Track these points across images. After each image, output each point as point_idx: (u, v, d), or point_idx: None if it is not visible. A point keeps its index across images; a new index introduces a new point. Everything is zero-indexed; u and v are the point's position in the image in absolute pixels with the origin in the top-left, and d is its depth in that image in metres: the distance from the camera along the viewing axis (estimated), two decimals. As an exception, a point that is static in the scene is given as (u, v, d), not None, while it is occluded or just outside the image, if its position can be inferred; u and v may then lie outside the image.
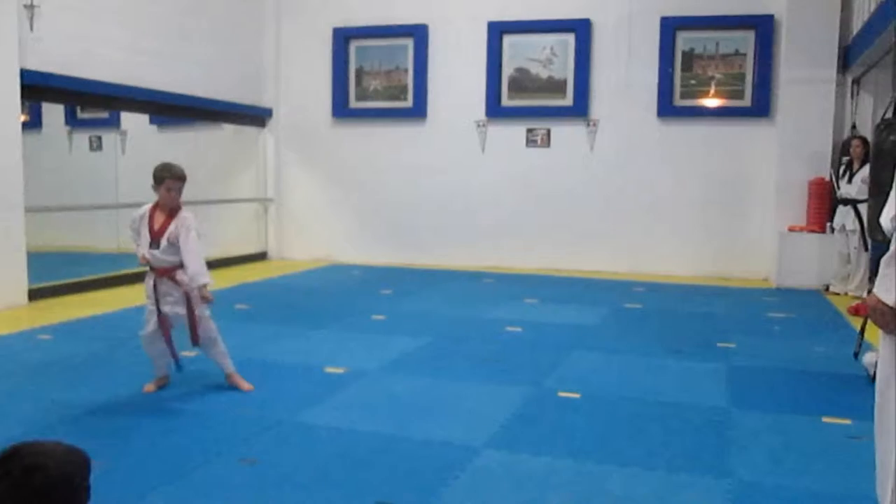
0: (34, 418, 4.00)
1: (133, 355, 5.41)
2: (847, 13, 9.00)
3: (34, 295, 7.35)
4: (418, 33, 10.58)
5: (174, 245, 4.36)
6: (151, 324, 4.48)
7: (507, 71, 10.41)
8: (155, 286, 4.44)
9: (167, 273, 4.40)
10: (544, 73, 10.31)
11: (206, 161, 10.98)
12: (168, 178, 4.36)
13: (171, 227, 4.38)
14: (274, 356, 5.41)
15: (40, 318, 6.57)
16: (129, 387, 4.60)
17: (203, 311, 4.49)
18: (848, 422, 4.10)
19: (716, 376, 5.03)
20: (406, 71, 10.77)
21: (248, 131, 11.08)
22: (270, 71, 11.09)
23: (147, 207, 4.48)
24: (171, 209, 4.42)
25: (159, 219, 4.41)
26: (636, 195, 10.03)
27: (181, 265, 4.38)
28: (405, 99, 10.80)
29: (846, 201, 8.46)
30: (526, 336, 6.22)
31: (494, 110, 10.42)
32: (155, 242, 4.38)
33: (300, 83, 11.10)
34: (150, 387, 4.55)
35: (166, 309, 4.44)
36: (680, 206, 9.93)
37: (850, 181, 8.44)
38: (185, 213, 4.46)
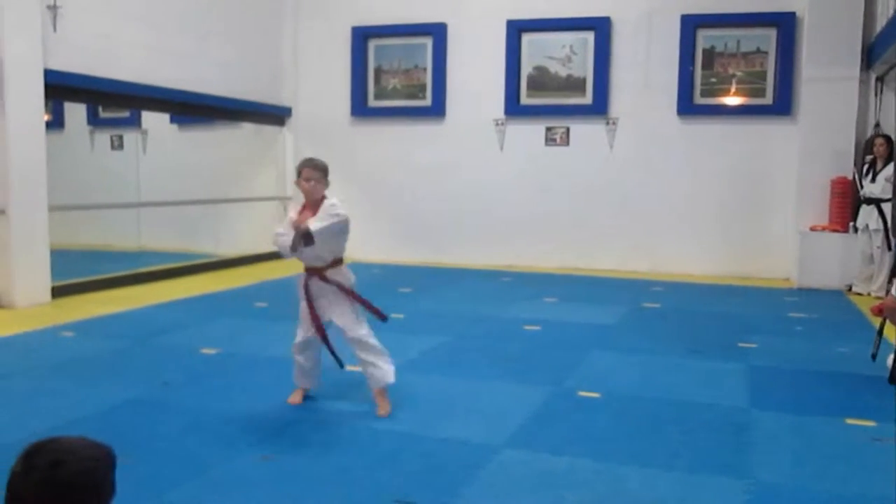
0: (57, 414, 4.05)
1: (154, 352, 5.47)
2: (870, 10, 8.88)
3: (57, 292, 7.43)
4: (437, 32, 10.58)
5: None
6: (303, 330, 4.27)
7: (526, 69, 10.38)
8: (307, 288, 4.20)
9: (318, 273, 4.17)
10: (563, 72, 10.28)
11: (225, 160, 11.05)
12: (303, 167, 4.17)
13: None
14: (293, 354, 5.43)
15: (63, 315, 6.65)
16: (151, 384, 4.64)
17: (358, 315, 4.23)
18: (872, 423, 4.05)
19: (736, 376, 4.99)
20: (425, 69, 10.78)
21: (268, 130, 11.14)
22: (290, 70, 11.14)
23: (297, 206, 4.26)
24: (315, 202, 4.16)
25: (307, 214, 4.16)
26: (656, 194, 9.97)
27: (333, 263, 4.18)
28: (424, 98, 10.81)
29: (869, 200, 8.37)
30: (544, 335, 6.20)
31: (513, 109, 10.40)
32: (310, 237, 4.11)
33: (319, 82, 11.13)
34: (294, 398, 4.35)
35: (321, 311, 4.20)
36: (700, 205, 9.86)
37: (873, 180, 8.35)
38: (332, 200, 4.16)
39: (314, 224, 3.97)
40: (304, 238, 3.96)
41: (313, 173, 4.16)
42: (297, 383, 4.41)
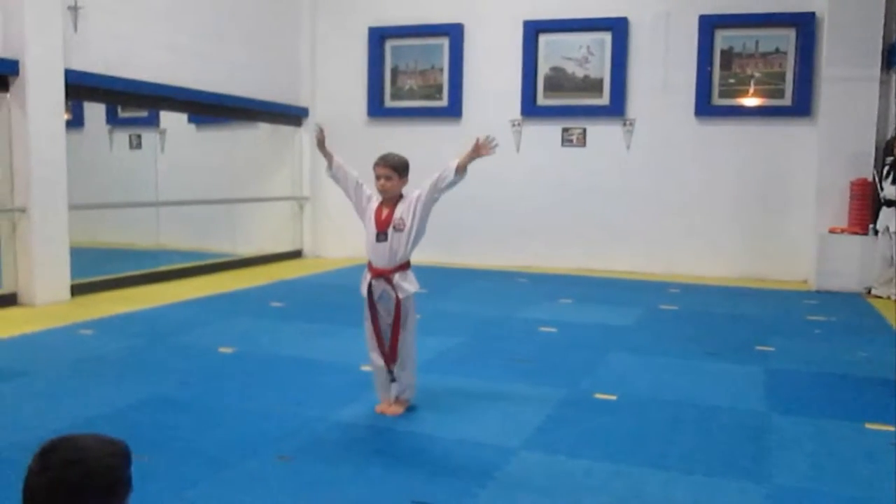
0: (76, 412, 4.08)
1: (172, 351, 5.50)
2: (891, 10, 8.81)
3: (76, 290, 7.50)
4: (454, 32, 10.58)
5: (402, 231, 4.05)
6: (367, 331, 4.16)
7: (543, 70, 10.36)
8: (370, 290, 4.09)
9: (384, 274, 4.06)
10: (580, 72, 10.25)
11: (242, 160, 11.11)
12: (376, 164, 4.10)
13: (397, 214, 4.07)
14: (310, 354, 5.46)
15: (82, 314, 6.70)
16: (169, 382, 4.67)
17: (407, 325, 4.12)
18: (892, 428, 4.01)
19: (754, 380, 4.95)
20: (441, 70, 10.78)
21: (285, 130, 11.18)
22: (307, 70, 11.17)
23: (376, 199, 4.17)
24: (395, 201, 4.12)
25: (385, 211, 4.10)
26: (673, 195, 9.93)
27: (401, 266, 4.11)
28: (440, 98, 10.82)
29: (890, 202, 8.28)
30: (560, 336, 6.19)
31: (530, 109, 10.39)
32: (382, 234, 4.04)
33: (336, 82, 11.16)
34: (381, 407, 4.19)
35: (382, 314, 4.12)
36: (717, 206, 9.80)
37: (894, 182, 8.26)
38: (409, 193, 4.11)
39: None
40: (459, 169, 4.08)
41: (385, 171, 4.07)
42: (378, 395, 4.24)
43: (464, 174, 4.11)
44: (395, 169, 4.11)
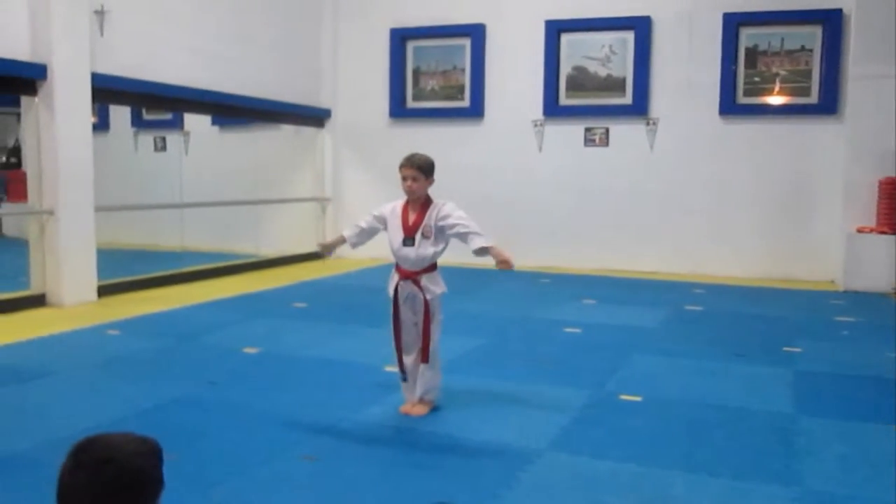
0: (103, 412, 4.12)
1: (197, 351, 5.54)
2: (921, 6, 8.66)
3: (103, 291, 7.57)
4: (475, 33, 10.57)
5: (429, 239, 4.03)
6: (395, 331, 4.17)
7: (565, 69, 10.32)
8: (397, 290, 4.10)
9: (412, 276, 4.05)
10: (603, 72, 10.19)
11: (265, 161, 11.17)
12: (402, 165, 4.08)
13: (425, 220, 4.04)
14: (333, 354, 5.47)
15: (109, 314, 6.77)
16: (194, 382, 4.70)
17: (434, 324, 4.10)
18: (923, 431, 3.95)
19: (782, 381, 4.90)
20: (463, 70, 10.77)
21: (307, 131, 11.23)
22: (329, 72, 11.21)
23: (399, 203, 4.18)
24: (422, 203, 4.12)
25: (412, 214, 4.08)
26: (697, 195, 9.84)
27: (430, 268, 4.09)
28: (462, 99, 10.81)
29: (919, 201, 8.15)
30: (585, 337, 6.16)
31: (552, 109, 10.35)
32: (409, 239, 4.02)
33: (358, 84, 11.19)
34: (405, 407, 4.19)
35: (406, 316, 4.12)
36: (742, 206, 9.70)
37: (923, 181, 8.13)
38: (442, 203, 4.09)
39: (487, 242, 3.98)
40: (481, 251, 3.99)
41: (411, 171, 4.04)
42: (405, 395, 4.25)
43: (480, 255, 4.08)
44: (420, 169, 4.09)
